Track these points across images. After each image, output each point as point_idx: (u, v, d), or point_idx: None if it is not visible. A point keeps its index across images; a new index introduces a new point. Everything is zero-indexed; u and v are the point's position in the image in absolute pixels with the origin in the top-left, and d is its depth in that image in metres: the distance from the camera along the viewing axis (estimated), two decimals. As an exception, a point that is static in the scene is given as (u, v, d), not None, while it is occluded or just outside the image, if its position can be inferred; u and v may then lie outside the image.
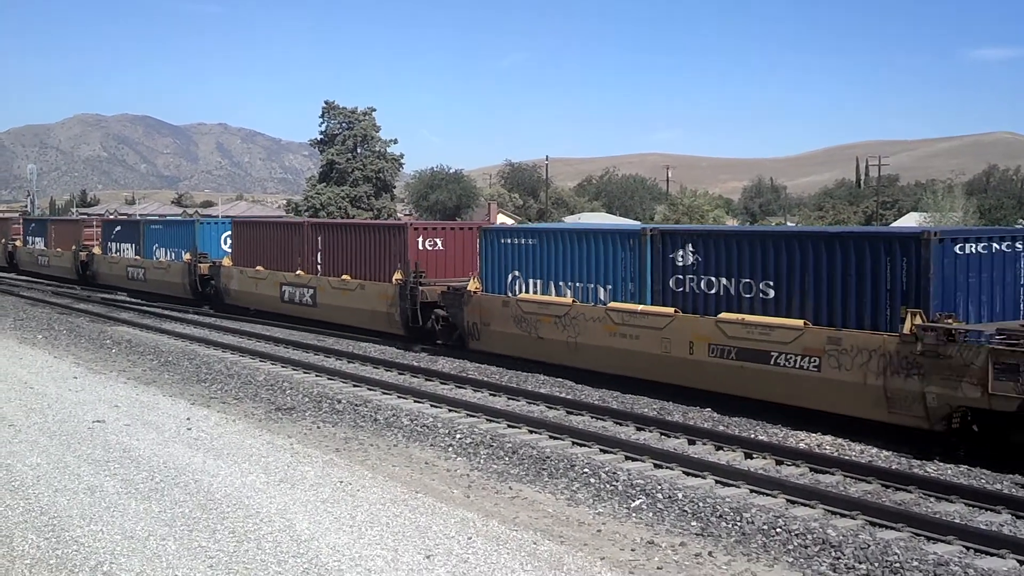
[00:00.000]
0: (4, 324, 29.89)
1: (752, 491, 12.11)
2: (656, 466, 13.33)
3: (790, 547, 10.17)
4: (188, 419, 15.98)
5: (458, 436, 15.09)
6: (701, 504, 11.52)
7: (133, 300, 38.41)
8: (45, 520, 10.48)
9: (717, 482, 12.55)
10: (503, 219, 77.04)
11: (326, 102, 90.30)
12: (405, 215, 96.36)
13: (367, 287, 27.09)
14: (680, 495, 11.88)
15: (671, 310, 18.55)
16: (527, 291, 22.04)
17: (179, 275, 36.80)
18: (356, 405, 17.56)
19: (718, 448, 14.44)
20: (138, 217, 62.64)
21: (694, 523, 10.95)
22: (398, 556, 9.44)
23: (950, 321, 14.42)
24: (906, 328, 14.69)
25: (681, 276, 18.63)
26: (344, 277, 28.10)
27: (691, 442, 14.83)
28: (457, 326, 24.04)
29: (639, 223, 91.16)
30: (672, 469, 13.13)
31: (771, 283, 17.07)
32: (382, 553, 9.52)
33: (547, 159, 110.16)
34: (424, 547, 9.70)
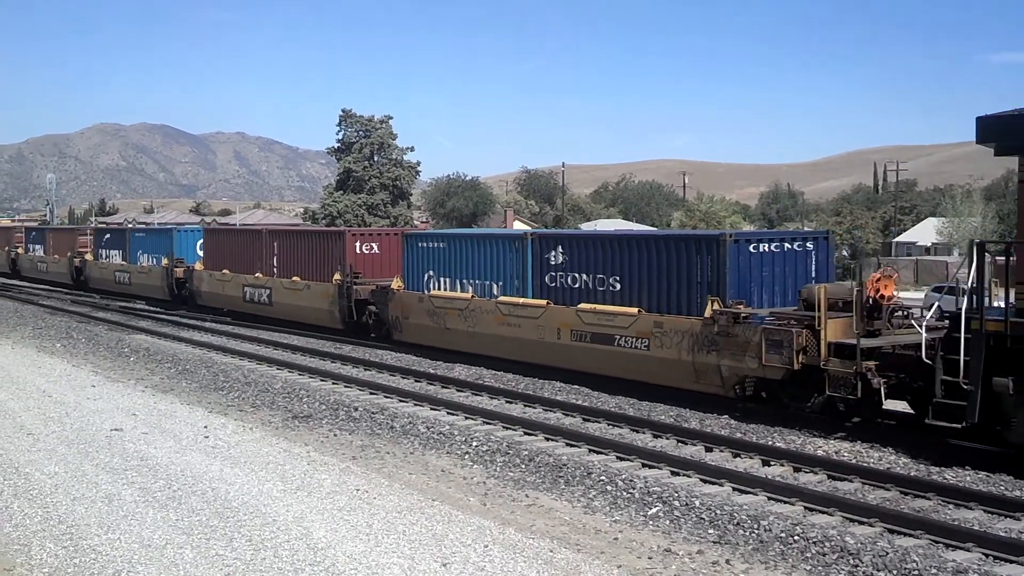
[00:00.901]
0: (24, 333, 30.08)
1: (770, 498, 12.05)
2: (673, 473, 13.28)
3: (808, 555, 10.11)
4: (205, 427, 16.03)
5: (475, 444, 15.08)
6: (718, 512, 11.46)
7: (148, 308, 38.62)
8: (63, 528, 10.53)
9: (734, 489, 12.49)
10: (519, 226, 76.98)
11: (343, 110, 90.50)
12: (422, 223, 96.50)
13: (312, 287, 30.23)
14: (697, 503, 11.83)
15: (544, 302, 21.90)
16: (439, 288, 25.22)
17: (159, 278, 40.03)
18: (373, 413, 17.58)
19: (735, 455, 14.38)
20: (127, 225, 64.88)
21: (711, 531, 10.91)
22: (415, 564, 9.44)
23: (739, 307, 17.66)
24: (707, 313, 17.90)
25: (553, 273, 21.95)
26: (295, 278, 31.31)
27: (708, 449, 14.77)
28: (384, 320, 27.05)
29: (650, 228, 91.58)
30: (689, 476, 13.08)
31: (618, 278, 20.36)
32: (399, 561, 9.52)
33: (563, 166, 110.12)
34: (441, 555, 9.69)
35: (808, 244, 19.48)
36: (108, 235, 47.63)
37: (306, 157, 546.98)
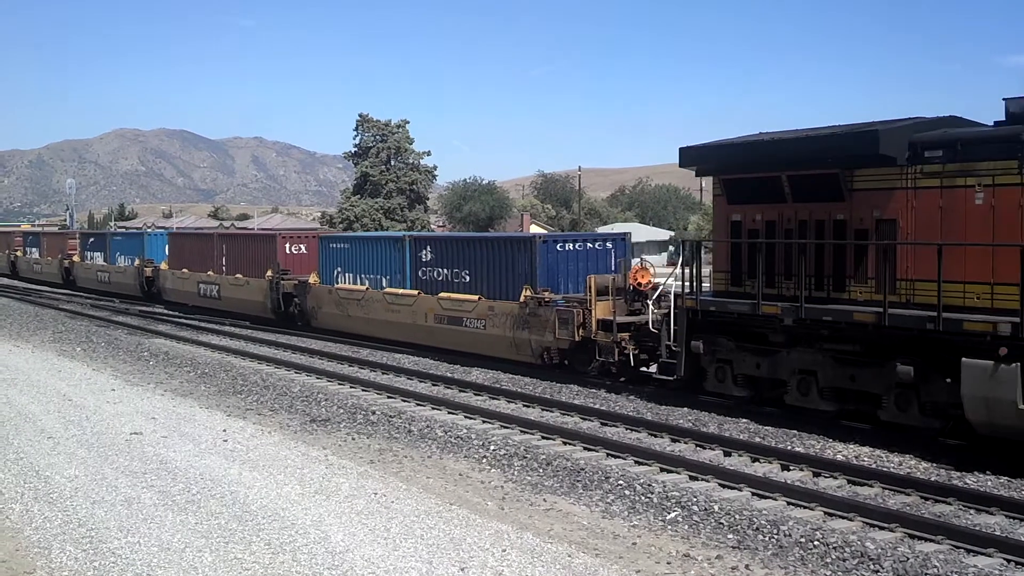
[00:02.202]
0: (44, 337, 30.26)
1: (789, 503, 11.99)
2: (692, 478, 13.23)
3: (828, 560, 10.05)
4: (224, 431, 16.08)
5: (492, 448, 15.07)
6: (737, 516, 11.41)
7: (169, 312, 38.83)
8: (83, 532, 10.58)
9: (753, 494, 12.43)
10: (535, 229, 76.98)
11: (360, 115, 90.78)
12: (439, 226, 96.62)
13: (251, 283, 34.61)
14: (716, 507, 11.78)
15: (416, 292, 26.65)
16: (344, 282, 30.04)
17: (132, 278, 44.40)
18: (390, 417, 17.59)
19: (754, 460, 14.31)
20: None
21: (730, 536, 10.86)
22: (432, 568, 9.43)
23: (545, 293, 22.26)
24: (522, 298, 22.65)
25: (424, 268, 26.80)
26: (237, 276, 35.74)
27: (727, 454, 14.71)
28: (304, 310, 31.68)
29: (666, 231, 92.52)
30: (708, 481, 13.02)
31: (467, 271, 25.12)
32: (416, 565, 9.52)
33: (580, 169, 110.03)
34: (458, 559, 9.68)
35: (608, 244, 24.14)
36: (92, 239, 52.15)
37: (323, 162, 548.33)
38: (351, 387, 21.01)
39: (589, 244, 23.99)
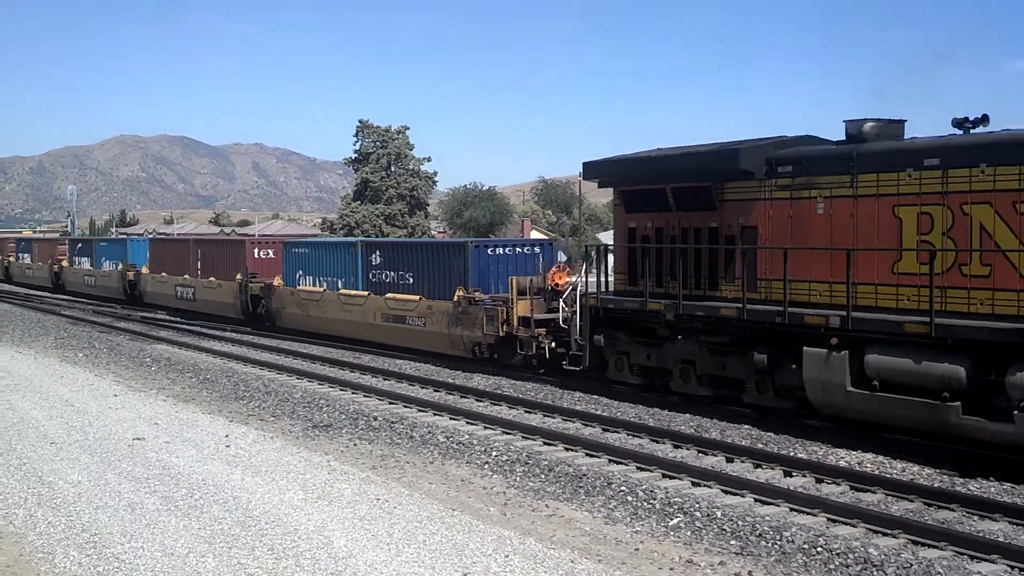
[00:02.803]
0: (46, 343, 30.27)
1: (792, 509, 11.98)
2: (694, 484, 13.22)
3: (831, 566, 10.05)
4: (227, 436, 16.08)
5: (494, 453, 15.07)
6: (740, 523, 11.41)
7: (171, 319, 38.88)
8: (86, 537, 10.58)
9: (756, 500, 12.42)
10: (536, 235, 76.96)
11: (360, 121, 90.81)
12: (439, 232, 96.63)
13: (223, 285, 36.70)
14: (719, 513, 11.77)
15: (367, 293, 28.83)
16: (304, 285, 32.25)
17: (116, 281, 46.59)
18: (392, 422, 17.59)
19: (757, 466, 14.31)
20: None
21: (733, 542, 10.85)
22: (435, 574, 9.44)
23: (475, 293, 24.35)
24: (455, 298, 24.79)
25: (374, 271, 29.07)
26: (211, 279, 37.91)
27: (729, 460, 14.70)
28: (270, 311, 33.97)
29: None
30: (710, 487, 13.02)
31: (411, 274, 27.42)
32: (419, 571, 9.52)
33: (580, 175, 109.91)
34: (461, 565, 9.68)
35: (536, 249, 26.41)
36: (80, 244, 55.08)
37: (324, 168, 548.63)
38: (353, 393, 21.01)
39: (519, 249, 26.38)
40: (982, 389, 13.96)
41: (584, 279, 21.35)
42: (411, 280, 27.28)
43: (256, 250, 36.51)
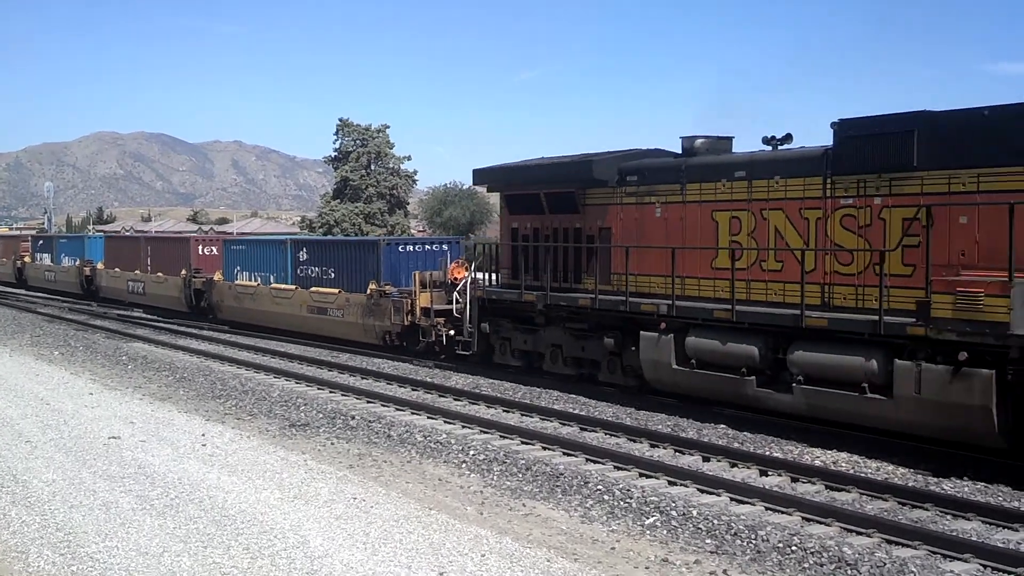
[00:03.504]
0: (21, 340, 30.06)
1: (767, 508, 12.05)
2: (670, 483, 13.28)
3: (806, 565, 10.11)
4: (203, 435, 16.02)
5: (471, 452, 15.07)
6: (716, 522, 11.46)
7: (148, 317, 38.70)
8: (61, 536, 10.52)
9: (732, 499, 12.48)
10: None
11: (340, 119, 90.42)
12: (419, 231, 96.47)
13: (169, 280, 39.03)
14: (695, 512, 11.82)
15: (295, 287, 31.25)
16: (241, 279, 34.46)
17: (74, 276, 48.46)
18: (370, 421, 17.57)
19: (733, 465, 14.37)
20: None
21: (709, 541, 10.90)
22: (412, 573, 9.43)
23: (386, 287, 26.91)
24: (368, 291, 27.47)
25: (302, 266, 31.41)
26: (159, 274, 40.14)
27: (705, 459, 14.77)
28: (211, 304, 36.16)
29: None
30: (687, 486, 13.07)
31: (333, 269, 29.83)
32: (395, 570, 9.51)
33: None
34: (438, 564, 9.69)
35: (444, 246, 28.56)
36: (41, 241, 57.40)
37: (303, 166, 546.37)
38: (330, 392, 20.97)
39: (427, 246, 28.99)
40: (772, 366, 16.54)
41: (473, 274, 24.11)
42: (333, 275, 29.74)
43: (200, 247, 38.72)
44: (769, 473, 13.86)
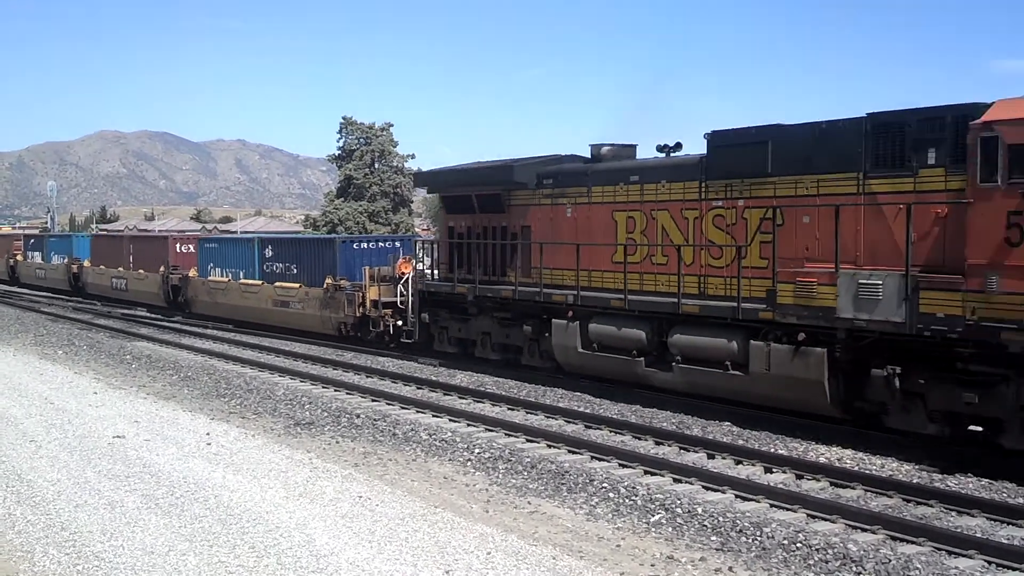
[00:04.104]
0: (25, 340, 30.10)
1: (772, 506, 12.05)
2: (675, 480, 13.28)
3: (811, 562, 10.11)
4: (208, 434, 16.03)
5: (476, 451, 15.08)
6: (721, 519, 11.46)
7: (152, 316, 38.76)
8: (66, 535, 10.53)
9: (737, 496, 12.48)
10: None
11: (344, 118, 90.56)
12: (423, 230, 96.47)
13: (149, 276, 41.14)
14: (700, 510, 11.83)
15: (261, 282, 33.19)
16: (214, 275, 36.64)
17: (62, 274, 50.46)
18: (375, 420, 17.58)
19: (737, 462, 14.37)
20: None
21: (714, 538, 10.90)
22: (417, 571, 9.44)
23: (342, 281, 28.79)
24: (325, 285, 29.37)
25: (267, 263, 33.48)
26: (140, 271, 42.22)
27: (710, 456, 14.76)
28: (187, 299, 38.39)
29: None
30: (692, 484, 13.07)
31: (295, 265, 31.92)
32: (401, 569, 9.52)
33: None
34: (443, 563, 9.69)
35: (396, 244, 30.58)
36: (32, 240, 59.95)
37: (307, 164, 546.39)
38: (335, 390, 20.98)
39: (381, 244, 31.02)
40: (657, 348, 18.69)
41: (416, 268, 26.77)
42: (295, 270, 31.81)
43: (178, 245, 41.02)
44: (774, 470, 13.86)
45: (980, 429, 14.25)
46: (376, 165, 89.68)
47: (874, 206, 15.09)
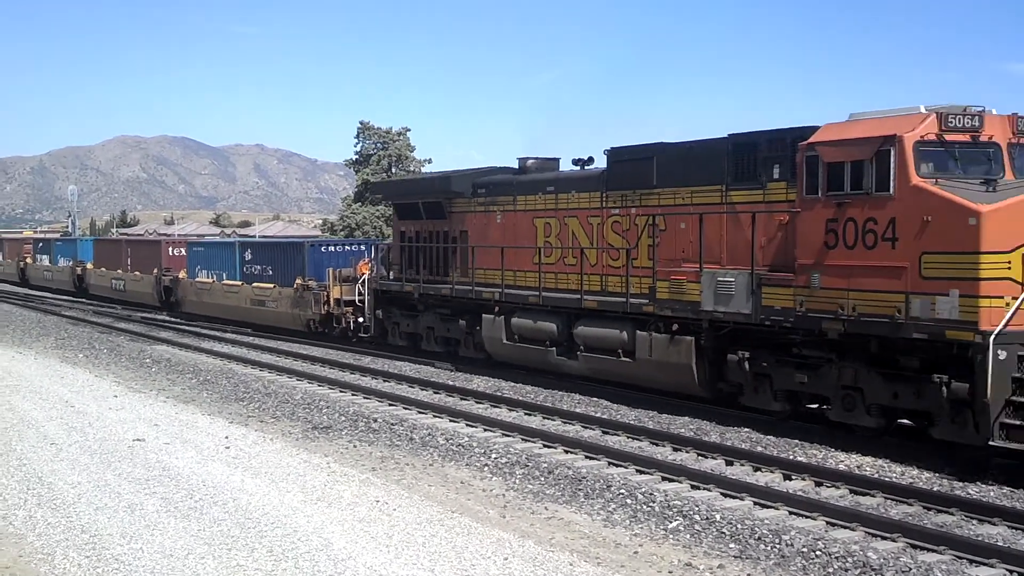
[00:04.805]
0: (46, 343, 30.29)
1: (791, 513, 11.99)
2: (693, 487, 13.23)
3: (830, 570, 10.05)
4: (226, 437, 16.09)
5: (493, 456, 15.07)
6: (739, 526, 11.42)
7: (166, 319, 38.96)
8: (86, 538, 10.59)
9: (755, 504, 12.43)
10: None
11: (361, 122, 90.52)
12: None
13: (145, 278, 43.70)
14: (718, 517, 11.78)
15: (241, 283, 35.79)
16: (201, 277, 39.45)
17: (68, 275, 53.40)
18: (392, 424, 17.60)
19: (756, 469, 14.31)
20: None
21: (732, 545, 10.86)
22: (435, 576, 9.43)
23: (310, 282, 31.15)
24: (295, 285, 31.74)
25: (247, 265, 36.09)
26: (136, 273, 44.93)
27: (728, 463, 14.71)
28: (177, 299, 40.93)
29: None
30: (710, 490, 13.02)
31: (270, 267, 34.45)
32: (418, 573, 9.52)
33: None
34: (460, 568, 9.69)
35: (361, 247, 33.25)
36: (41, 243, 63.48)
37: (324, 169, 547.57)
38: (353, 394, 21.02)
39: (346, 247, 33.81)
40: (567, 339, 21.14)
41: (374, 269, 29.16)
42: (271, 272, 34.39)
43: (170, 249, 43.96)
44: (793, 477, 13.80)
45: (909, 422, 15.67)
46: (393, 170, 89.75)
47: (734, 214, 17.46)
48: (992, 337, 13.20)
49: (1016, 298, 13.51)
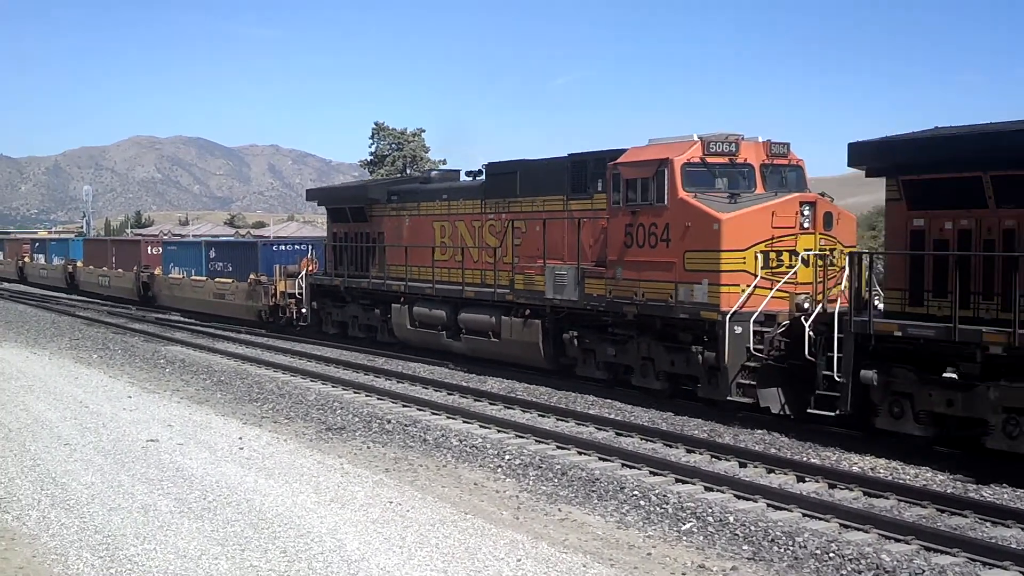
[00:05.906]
0: (60, 344, 30.42)
1: (804, 515, 11.95)
2: (707, 489, 13.21)
3: (843, 572, 10.02)
4: (240, 438, 16.13)
5: (507, 457, 15.08)
6: (753, 528, 11.39)
7: (183, 320, 39.11)
8: (99, 539, 10.63)
9: (769, 505, 12.40)
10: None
11: (376, 123, 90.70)
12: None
13: (126, 275, 47.13)
14: (731, 518, 11.76)
15: (206, 278, 39.39)
16: (174, 273, 42.90)
17: (60, 273, 56.93)
18: (405, 425, 17.62)
19: (769, 471, 14.28)
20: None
21: (746, 547, 10.84)
22: (447, 578, 9.44)
23: (261, 277, 34.43)
24: (249, 280, 35.13)
25: (211, 262, 39.59)
26: (119, 270, 48.39)
27: (742, 465, 14.68)
28: (154, 294, 44.38)
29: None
30: (723, 492, 13.00)
31: (230, 264, 38.22)
32: (431, 575, 9.53)
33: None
34: (473, 569, 9.70)
35: (309, 246, 36.03)
36: (38, 243, 67.45)
37: (339, 170, 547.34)
38: (366, 395, 21.05)
39: (296, 246, 37.37)
40: (454, 324, 24.98)
41: (319, 265, 32.69)
42: (230, 268, 38.06)
43: (148, 248, 47.51)
44: (806, 479, 13.76)
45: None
46: (408, 171, 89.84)
47: (572, 220, 21.23)
48: (729, 316, 17.13)
49: (749, 285, 17.32)
